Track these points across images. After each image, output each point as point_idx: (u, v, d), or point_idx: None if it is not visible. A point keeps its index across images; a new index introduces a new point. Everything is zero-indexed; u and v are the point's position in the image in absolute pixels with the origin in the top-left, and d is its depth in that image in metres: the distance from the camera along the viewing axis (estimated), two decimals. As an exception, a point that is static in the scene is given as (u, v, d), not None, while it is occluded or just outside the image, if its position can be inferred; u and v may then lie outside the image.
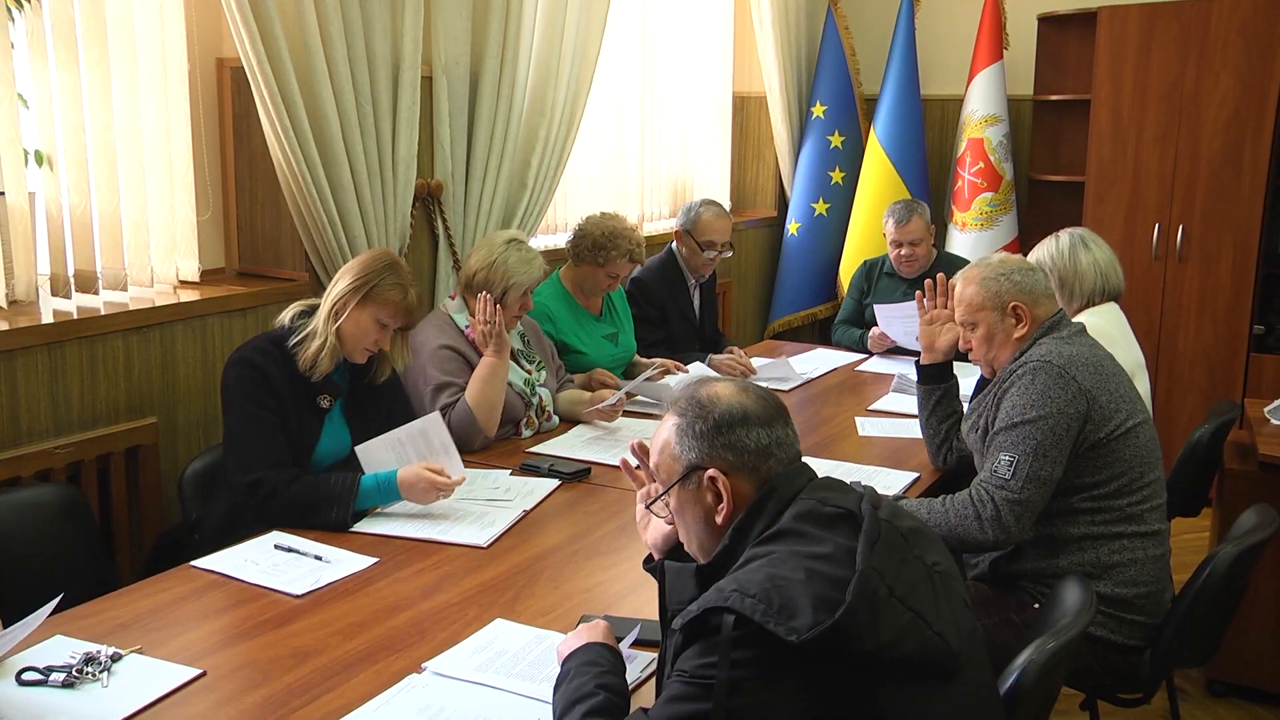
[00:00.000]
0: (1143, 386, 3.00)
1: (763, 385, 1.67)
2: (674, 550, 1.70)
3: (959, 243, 5.32)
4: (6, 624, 1.80)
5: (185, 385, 3.02)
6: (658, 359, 3.71)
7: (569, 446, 3.01)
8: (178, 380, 3.00)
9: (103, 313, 2.82)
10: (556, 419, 3.23)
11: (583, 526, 2.48)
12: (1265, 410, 3.40)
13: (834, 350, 4.34)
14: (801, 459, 1.60)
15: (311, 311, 2.59)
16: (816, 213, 5.71)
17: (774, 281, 5.90)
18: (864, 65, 5.81)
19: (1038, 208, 5.52)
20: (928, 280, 3.01)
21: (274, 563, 2.21)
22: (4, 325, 2.61)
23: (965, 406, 2.74)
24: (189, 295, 3.07)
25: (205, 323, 3.06)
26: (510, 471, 2.79)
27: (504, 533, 2.40)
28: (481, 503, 2.55)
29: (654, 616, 1.72)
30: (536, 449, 2.98)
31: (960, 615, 1.48)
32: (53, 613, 1.81)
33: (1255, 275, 4.72)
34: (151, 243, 3.05)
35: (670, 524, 1.65)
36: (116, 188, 2.93)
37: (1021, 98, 5.45)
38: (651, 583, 1.74)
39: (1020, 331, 2.49)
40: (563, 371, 3.42)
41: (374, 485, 2.46)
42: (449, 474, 2.50)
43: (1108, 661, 2.36)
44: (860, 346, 4.33)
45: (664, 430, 1.61)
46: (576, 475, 2.77)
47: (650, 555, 1.77)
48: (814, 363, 4.09)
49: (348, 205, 3.23)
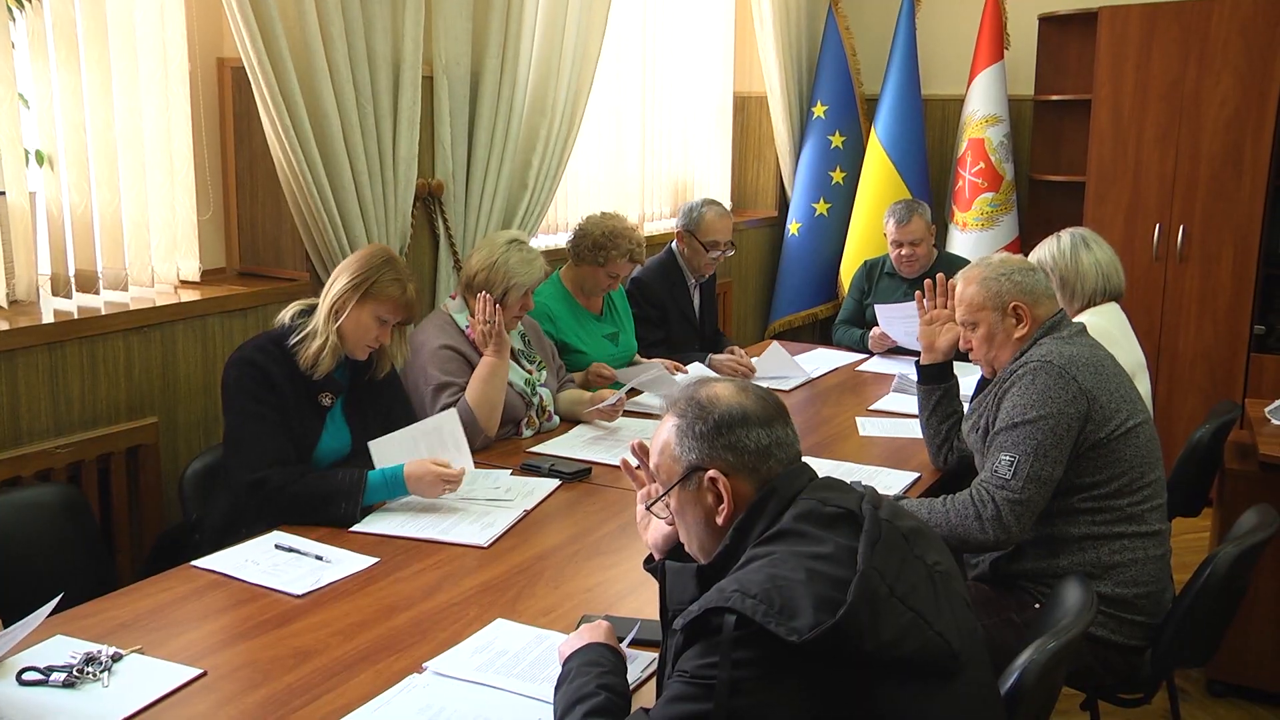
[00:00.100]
0: (1143, 386, 3.00)
1: (763, 385, 1.67)
2: (674, 550, 1.70)
3: (960, 243, 5.32)
4: (7, 624, 1.80)
5: (186, 385, 3.02)
6: (657, 359, 3.71)
7: (569, 446, 3.01)
8: (178, 380, 3.00)
9: (103, 312, 2.82)
10: (557, 419, 3.23)
11: (583, 526, 2.48)
12: (1266, 410, 3.40)
13: (835, 350, 4.34)
14: (801, 459, 1.60)
15: (311, 310, 2.60)
16: (817, 213, 5.71)
17: (774, 281, 5.90)
18: (865, 65, 5.81)
19: (1038, 208, 5.52)
20: (927, 280, 3.01)
21: (274, 562, 2.21)
22: (5, 325, 2.61)
23: (965, 406, 2.74)
24: (190, 295, 3.07)
25: (206, 322, 3.06)
26: (511, 471, 2.79)
27: (504, 532, 2.40)
28: (482, 502, 2.55)
29: (654, 616, 1.72)
30: (537, 449, 2.99)
31: (961, 615, 1.48)
32: (53, 612, 1.81)
33: (1256, 275, 4.72)
34: (152, 242, 3.05)
35: (670, 524, 1.65)
36: (117, 187, 2.93)
37: (1022, 98, 5.45)
38: (652, 583, 1.74)
39: (1021, 331, 2.49)
40: (563, 371, 3.42)
41: (381, 480, 2.47)
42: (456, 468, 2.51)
43: (1108, 661, 2.36)
44: (861, 346, 4.33)
45: (664, 431, 1.61)
46: (577, 475, 2.77)
47: (651, 555, 1.77)
48: (815, 363, 4.09)
49: (348, 205, 3.23)
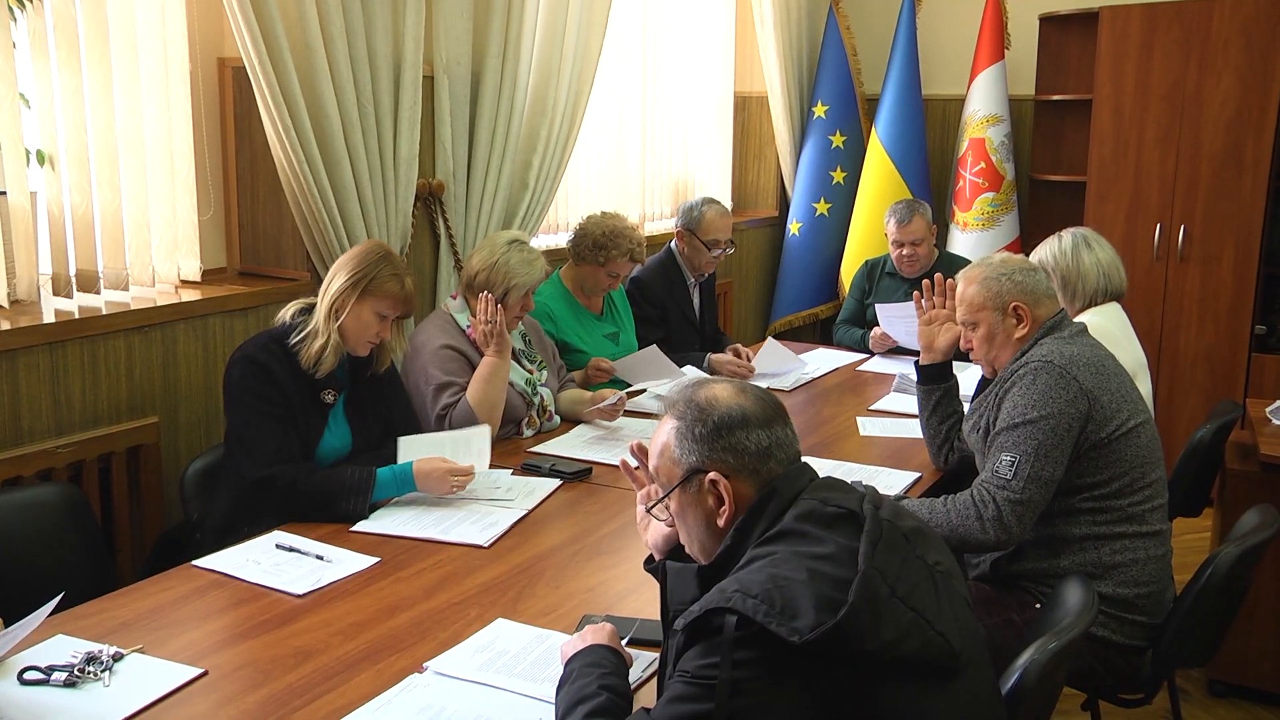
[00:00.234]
0: (1144, 386, 3.00)
1: (764, 384, 1.67)
2: (674, 551, 1.70)
3: (960, 243, 5.31)
4: (8, 623, 1.80)
5: (187, 385, 3.02)
6: (654, 346, 3.63)
7: (570, 446, 3.01)
8: (179, 380, 3.00)
9: (104, 312, 2.82)
10: (558, 419, 3.23)
11: (584, 526, 2.48)
12: (1267, 410, 3.40)
13: (835, 350, 4.34)
14: (801, 459, 1.59)
15: (311, 308, 2.60)
16: (818, 212, 5.71)
17: (775, 281, 5.90)
18: (865, 65, 5.81)
19: (1039, 208, 5.51)
20: (925, 280, 3.01)
21: (275, 562, 2.21)
22: (6, 325, 2.62)
23: (966, 407, 2.73)
24: (190, 295, 3.07)
25: (207, 322, 3.06)
26: (511, 471, 2.79)
27: (505, 532, 2.40)
28: (483, 502, 2.56)
29: (655, 616, 1.72)
30: (538, 449, 2.99)
31: (962, 615, 1.48)
32: (54, 612, 1.81)
33: (1257, 275, 4.72)
34: (153, 242, 3.05)
35: (670, 526, 1.65)
36: (118, 187, 2.93)
37: (1023, 98, 5.45)
38: (653, 583, 1.74)
39: (1021, 332, 2.49)
40: (564, 371, 3.42)
41: (390, 477, 2.49)
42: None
43: (1109, 661, 2.36)
44: (862, 346, 4.33)
45: (663, 433, 1.60)
46: (578, 475, 2.77)
47: (651, 556, 1.77)
48: (815, 363, 4.09)
49: (349, 205, 3.23)
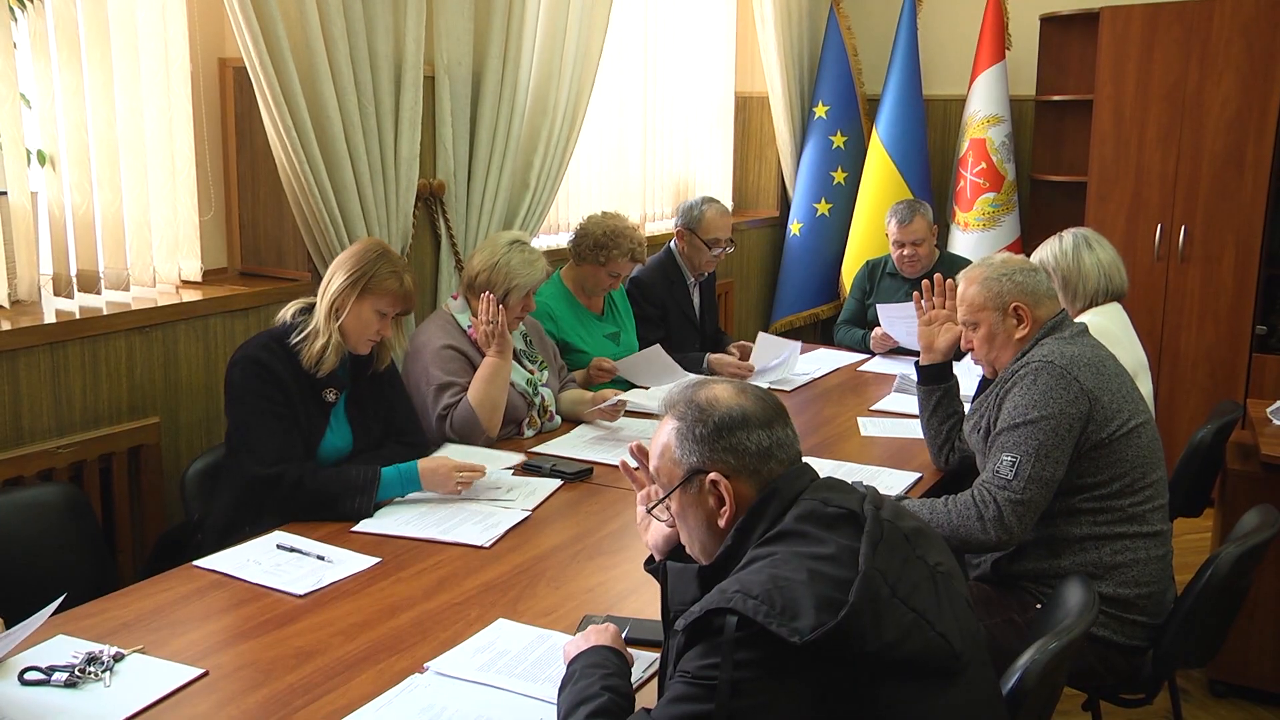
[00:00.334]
0: (1145, 387, 3.00)
1: (764, 384, 1.67)
2: (675, 551, 1.70)
3: (961, 243, 5.31)
4: (9, 624, 1.81)
5: (188, 385, 3.02)
6: (656, 346, 3.64)
7: (571, 446, 3.01)
8: (180, 380, 3.00)
9: (105, 313, 2.82)
10: (559, 419, 3.23)
11: (585, 527, 2.48)
12: (1268, 411, 3.39)
13: (836, 350, 4.34)
14: (802, 459, 1.59)
15: (311, 308, 2.61)
16: (818, 213, 5.71)
17: (776, 282, 5.89)
18: (866, 65, 5.81)
19: (1040, 208, 5.51)
20: (925, 280, 3.01)
21: (276, 562, 2.21)
22: (6, 325, 2.62)
23: (966, 407, 2.73)
24: (191, 295, 3.08)
25: (207, 323, 3.06)
26: (512, 471, 2.79)
27: (506, 533, 2.40)
28: (483, 503, 2.56)
29: (656, 617, 1.72)
30: (539, 449, 2.98)
31: (962, 616, 1.48)
32: (55, 612, 1.81)
33: (1257, 276, 4.71)
34: (154, 242, 3.05)
35: (671, 526, 1.65)
36: (119, 187, 2.93)
37: (1024, 98, 5.45)
38: (654, 583, 1.74)
39: (1021, 332, 2.49)
40: (565, 371, 3.42)
41: (396, 475, 2.51)
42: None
43: (1110, 662, 2.36)
44: (863, 347, 4.33)
45: (663, 434, 1.60)
46: (578, 475, 2.77)
47: (651, 557, 1.77)
48: (816, 363, 4.08)
49: (350, 205, 3.23)
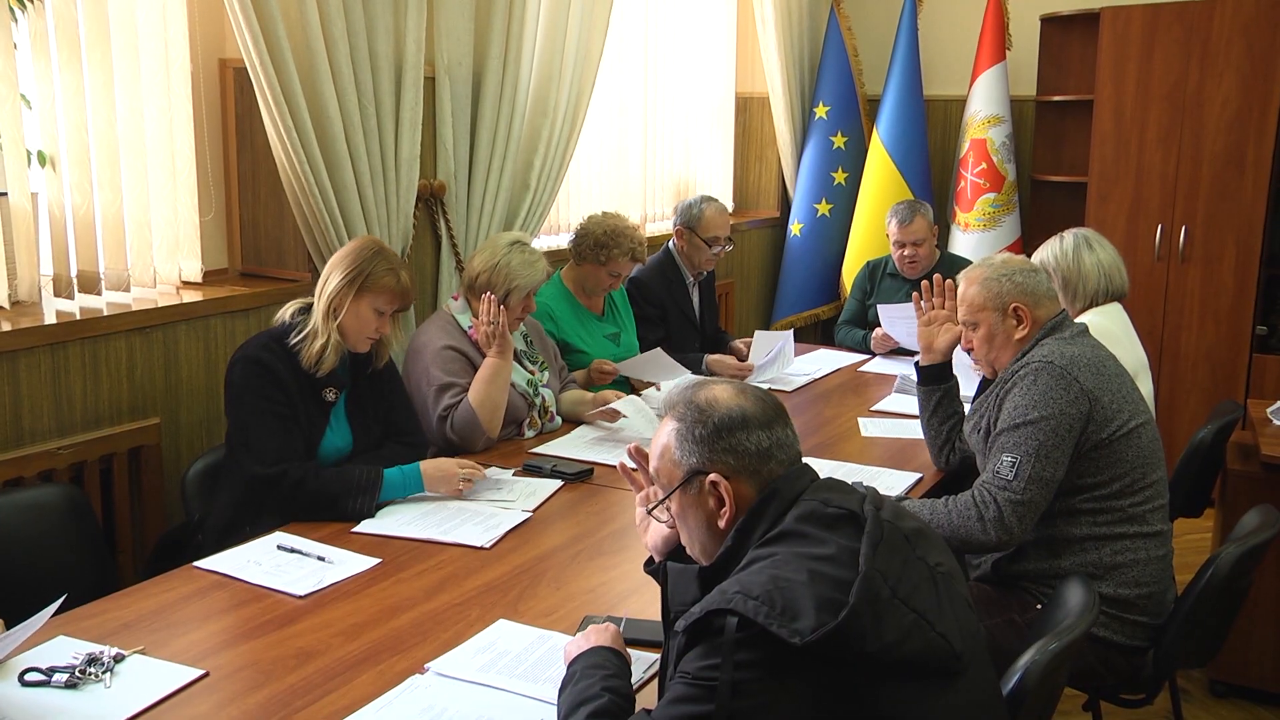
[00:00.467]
0: (1145, 387, 3.00)
1: (764, 384, 1.67)
2: (674, 552, 1.70)
3: (962, 243, 5.31)
4: (9, 625, 1.81)
5: (188, 386, 3.02)
6: (658, 349, 3.65)
7: (571, 447, 3.01)
8: (180, 381, 3.00)
9: (105, 313, 2.82)
10: (559, 419, 3.23)
11: (585, 527, 2.48)
12: (1268, 411, 3.39)
13: (837, 351, 4.34)
14: (802, 459, 1.59)
15: (309, 308, 2.61)
16: (819, 213, 5.71)
17: (776, 282, 5.89)
18: (867, 66, 5.81)
19: (1040, 208, 5.51)
20: (924, 281, 3.01)
21: (277, 563, 2.21)
22: (7, 326, 2.62)
23: (966, 407, 2.73)
24: (192, 296, 3.07)
25: (208, 323, 3.06)
26: (513, 472, 2.79)
27: (506, 533, 2.40)
28: (484, 503, 2.56)
29: (656, 617, 1.72)
30: (539, 450, 2.99)
31: (963, 616, 1.48)
32: (55, 613, 1.81)
33: (1258, 276, 4.71)
34: (154, 243, 3.05)
35: (671, 527, 1.64)
36: (119, 188, 2.93)
37: (1024, 98, 5.45)
38: (654, 584, 1.74)
39: (1021, 333, 2.49)
40: (565, 372, 3.42)
41: (399, 476, 2.51)
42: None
43: (1110, 662, 2.36)
44: (863, 347, 4.33)
45: (663, 435, 1.60)
46: (579, 476, 2.77)
47: (651, 558, 1.77)
48: (817, 363, 4.09)
49: (350, 206, 3.23)
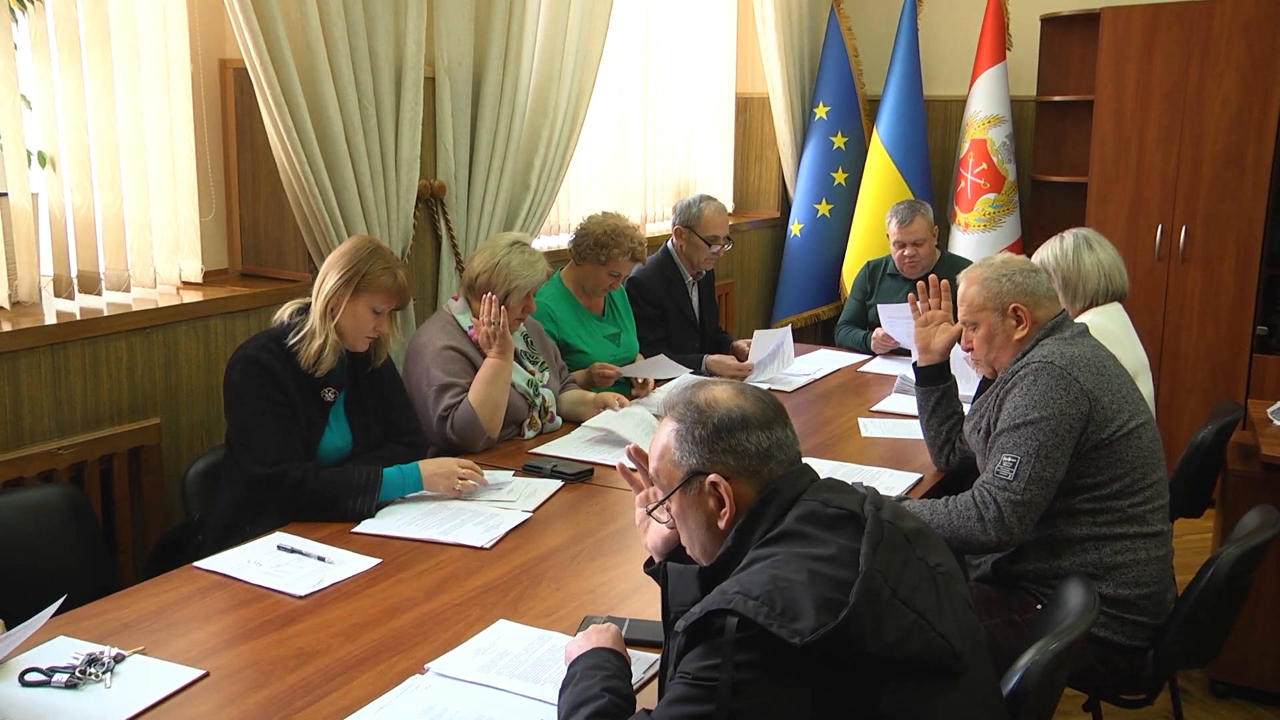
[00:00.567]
0: (1146, 387, 3.00)
1: (764, 385, 1.67)
2: (674, 552, 1.70)
3: (962, 244, 5.31)
4: (9, 625, 1.81)
5: (188, 386, 3.02)
6: (660, 355, 3.67)
7: (572, 447, 3.01)
8: (181, 381, 3.01)
9: (105, 314, 2.82)
10: (559, 420, 3.23)
11: (585, 527, 2.48)
12: (1268, 411, 3.39)
13: (837, 351, 4.34)
14: (802, 460, 1.59)
15: (307, 308, 2.61)
16: (819, 214, 5.71)
17: (777, 282, 5.89)
18: (867, 66, 5.81)
19: (1041, 208, 5.51)
20: (920, 282, 3.01)
21: (277, 563, 2.21)
22: (7, 326, 2.62)
23: (966, 408, 2.73)
24: (192, 296, 3.08)
25: (208, 323, 3.06)
26: (513, 472, 2.79)
27: (507, 534, 2.40)
28: (484, 504, 2.56)
29: (656, 618, 1.72)
30: (539, 450, 2.99)
31: (963, 616, 1.48)
32: (56, 614, 1.81)
33: (1258, 276, 4.71)
34: (154, 243, 3.05)
35: (671, 528, 1.64)
36: (119, 188, 2.94)
37: (1024, 98, 5.45)
38: (654, 584, 1.74)
39: (1021, 333, 2.49)
40: (565, 372, 3.42)
41: (398, 476, 2.52)
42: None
43: (1110, 662, 2.36)
44: (863, 347, 4.33)
45: (663, 436, 1.60)
46: (579, 476, 2.77)
47: (651, 558, 1.77)
48: (817, 363, 4.09)
49: (350, 206, 3.23)
